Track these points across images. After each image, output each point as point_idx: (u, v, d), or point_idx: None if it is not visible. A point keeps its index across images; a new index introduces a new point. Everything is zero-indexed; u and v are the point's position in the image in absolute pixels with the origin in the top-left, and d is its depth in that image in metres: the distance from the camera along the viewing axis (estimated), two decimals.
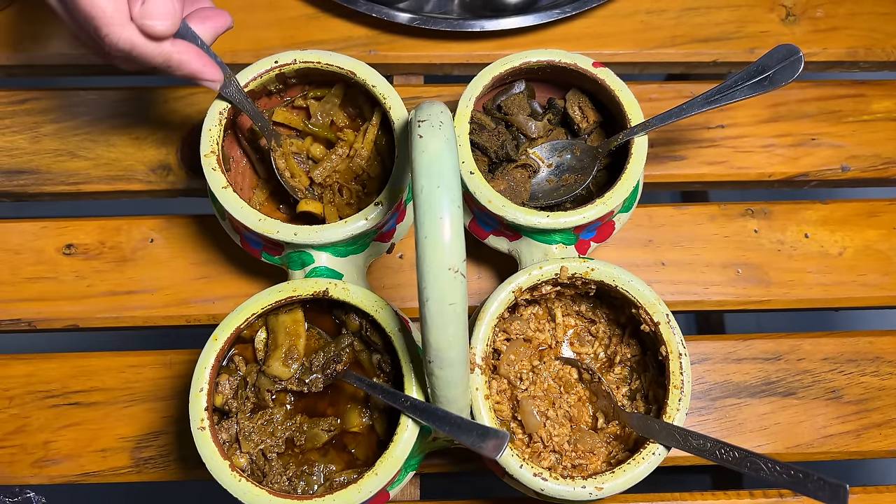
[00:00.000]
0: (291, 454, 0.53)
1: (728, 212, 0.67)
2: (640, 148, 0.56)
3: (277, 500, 0.47)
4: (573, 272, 0.53)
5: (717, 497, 0.59)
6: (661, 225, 0.66)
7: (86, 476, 0.59)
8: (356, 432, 0.53)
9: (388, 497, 0.53)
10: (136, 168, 0.67)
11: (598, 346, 0.57)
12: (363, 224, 0.54)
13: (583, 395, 0.55)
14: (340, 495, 0.47)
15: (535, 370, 0.55)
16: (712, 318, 0.91)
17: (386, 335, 0.52)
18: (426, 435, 0.51)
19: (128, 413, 0.61)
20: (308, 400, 0.54)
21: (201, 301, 0.63)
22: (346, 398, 0.54)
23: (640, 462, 0.49)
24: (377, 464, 0.48)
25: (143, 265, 0.64)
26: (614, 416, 0.54)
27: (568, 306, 0.58)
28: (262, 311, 0.52)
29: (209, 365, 0.50)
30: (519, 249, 0.57)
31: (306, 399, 0.54)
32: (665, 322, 0.52)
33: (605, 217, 0.57)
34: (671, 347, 0.51)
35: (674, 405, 0.50)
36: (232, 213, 0.53)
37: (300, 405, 0.54)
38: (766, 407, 0.62)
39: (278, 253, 0.56)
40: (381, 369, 0.54)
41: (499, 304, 0.53)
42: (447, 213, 0.42)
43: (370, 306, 0.52)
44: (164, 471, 0.60)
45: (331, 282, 0.52)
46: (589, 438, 0.53)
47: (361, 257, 0.57)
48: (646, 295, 0.52)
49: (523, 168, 0.59)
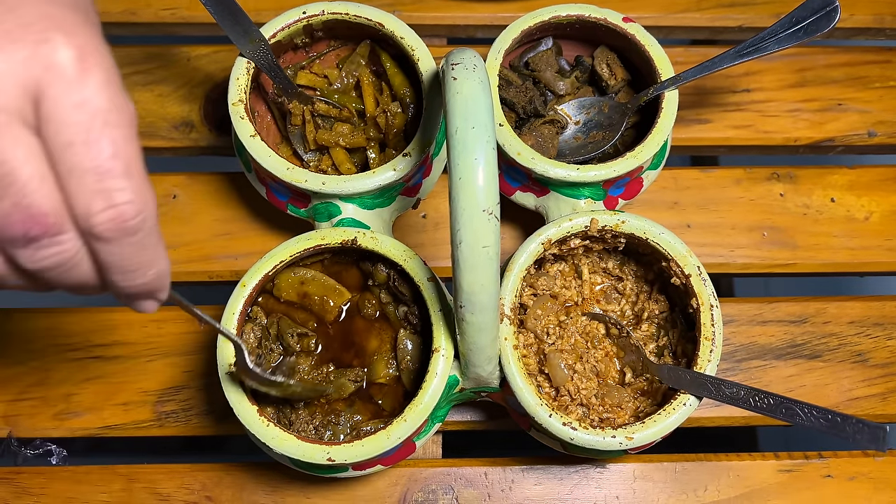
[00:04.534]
0: (317, 404, 0.52)
1: (754, 175, 0.66)
2: (670, 102, 0.55)
3: (305, 444, 0.47)
4: (603, 224, 0.53)
5: (742, 458, 0.59)
6: (686, 188, 0.66)
7: (107, 429, 0.59)
8: (382, 383, 0.53)
9: (415, 448, 0.52)
10: (158, 125, 0.66)
11: (625, 304, 0.57)
12: (392, 175, 0.53)
13: (610, 350, 0.55)
14: (369, 441, 0.47)
15: (561, 325, 0.55)
16: (722, 285, 0.90)
17: (414, 285, 0.52)
18: (454, 385, 0.51)
19: (150, 367, 0.60)
20: (334, 351, 0.54)
21: (224, 257, 0.63)
22: (373, 350, 0.53)
23: (671, 413, 0.49)
24: (406, 410, 0.48)
25: (165, 221, 0.64)
26: (643, 371, 0.53)
27: (595, 263, 0.57)
28: (290, 258, 0.51)
29: (237, 311, 0.50)
30: (546, 205, 0.57)
31: (332, 350, 0.54)
32: (696, 274, 0.51)
33: (634, 172, 0.56)
34: (702, 299, 0.51)
35: (704, 356, 0.50)
36: (259, 162, 0.53)
37: (326, 356, 0.53)
38: (791, 369, 0.61)
39: (304, 205, 0.56)
40: (407, 321, 0.54)
41: (527, 255, 0.52)
42: (482, 154, 0.41)
43: (399, 255, 0.52)
44: (186, 425, 0.59)
45: (359, 231, 0.52)
46: (616, 393, 0.53)
47: (388, 211, 0.57)
48: (677, 248, 0.52)
49: (551, 124, 0.59)
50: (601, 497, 0.58)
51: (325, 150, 0.60)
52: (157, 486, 0.58)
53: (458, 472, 0.58)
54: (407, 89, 0.59)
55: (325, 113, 0.59)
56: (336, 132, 0.59)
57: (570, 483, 0.58)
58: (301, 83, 0.60)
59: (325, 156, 0.60)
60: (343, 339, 0.54)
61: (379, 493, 0.57)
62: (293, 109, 0.58)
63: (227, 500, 0.57)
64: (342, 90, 0.61)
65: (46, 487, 0.57)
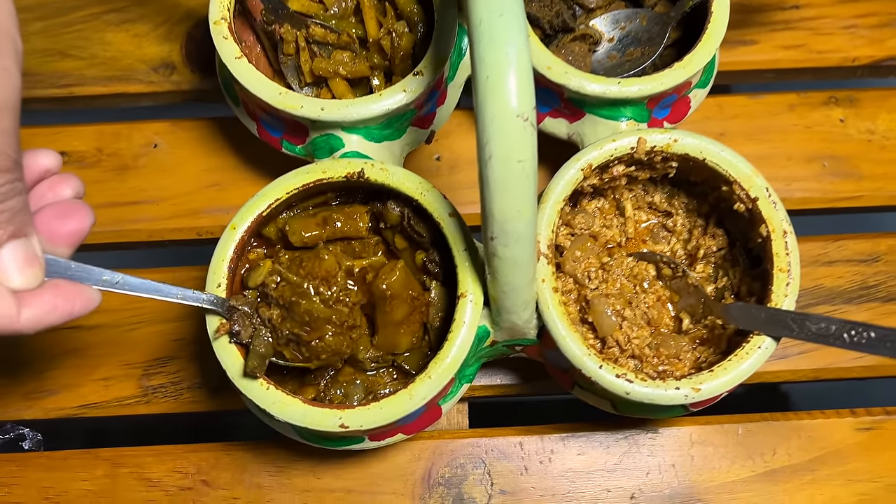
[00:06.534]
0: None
1: (808, 100, 0.59)
2: (721, 5, 0.48)
3: (314, 409, 0.40)
4: (652, 145, 0.45)
5: (814, 416, 0.51)
6: (733, 116, 0.58)
7: (86, 408, 0.52)
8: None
9: (440, 414, 0.45)
10: (135, 67, 0.59)
11: (676, 243, 0.49)
12: (402, 97, 0.46)
13: (662, 294, 0.48)
14: (388, 403, 0.40)
15: (604, 268, 0.48)
16: None
17: (433, 223, 0.44)
18: (483, 338, 0.43)
19: (133, 337, 0.53)
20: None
21: (213, 210, 0.56)
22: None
23: (744, 357, 0.41)
24: (431, 365, 0.40)
25: (146, 173, 0.56)
26: (703, 315, 0.46)
27: (639, 198, 0.50)
28: (287, 195, 0.44)
29: (227, 257, 0.42)
30: (581, 132, 0.49)
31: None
32: (765, 197, 0.44)
33: (682, 89, 0.49)
34: (773, 225, 0.43)
35: (780, 291, 0.42)
36: (247, 88, 0.46)
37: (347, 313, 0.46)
38: (864, 314, 0.54)
39: (301, 140, 0.49)
40: (426, 270, 0.46)
41: (565, 184, 0.45)
42: (513, 46, 0.34)
43: (413, 188, 0.44)
44: (176, 401, 0.52)
45: (366, 162, 0.45)
46: (673, 342, 0.45)
47: (398, 145, 0.49)
48: (740, 167, 0.44)
49: (581, 40, 0.51)
50: (654, 466, 0.50)
51: (322, 83, 0.52)
52: (146, 471, 0.50)
53: (489, 444, 0.51)
54: (414, 6, 0.51)
55: (322, 39, 0.52)
56: (335, 60, 0.51)
57: (618, 451, 0.51)
58: (294, 10, 0.52)
59: (323, 89, 0.52)
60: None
61: (399, 469, 0.50)
62: (285, 35, 0.51)
63: (225, 483, 0.50)
64: (340, 15, 0.53)
65: (18, 476, 0.50)
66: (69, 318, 0.34)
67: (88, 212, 0.36)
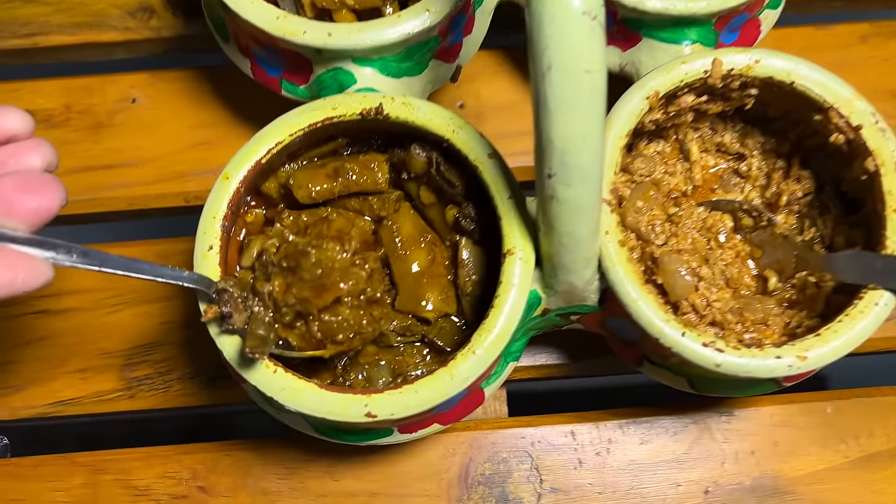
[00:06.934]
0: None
1: (883, 30, 0.51)
2: None
3: (333, 395, 0.32)
4: (730, 67, 0.37)
5: None
6: (801, 49, 0.50)
7: (60, 405, 0.44)
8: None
9: (483, 398, 0.37)
10: (108, 12, 0.52)
11: (752, 190, 0.42)
12: (425, 18, 0.38)
13: (741, 249, 0.40)
14: (424, 385, 0.32)
15: (671, 220, 0.40)
16: None
17: (468, 169, 0.36)
18: (534, 306, 0.36)
19: (113, 321, 0.45)
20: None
21: (202, 173, 0.48)
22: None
23: (858, 317, 0.33)
24: (475, 337, 0.33)
25: (123, 132, 0.49)
26: (796, 269, 0.38)
27: (706, 138, 0.42)
28: (290, 138, 0.36)
29: (219, 213, 0.35)
30: (637, 60, 0.42)
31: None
32: (871, 123, 0.36)
33: (754, 7, 0.41)
34: (882, 157, 0.36)
35: (894, 236, 0.35)
36: (238, 13, 0.38)
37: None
38: None
39: (305, 79, 0.41)
40: (459, 228, 0.38)
41: (628, 115, 0.37)
42: None
43: (444, 126, 0.36)
44: (165, 394, 0.44)
45: (384, 96, 0.37)
46: (759, 304, 0.38)
47: (419, 81, 0.42)
48: (838, 90, 0.37)
49: None
50: (731, 453, 0.43)
51: (326, 16, 0.44)
52: (132, 477, 0.43)
53: (535, 434, 0.43)
54: None
55: None
56: None
57: (688, 438, 0.43)
58: None
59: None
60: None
61: (432, 466, 0.42)
62: None
63: (226, 488, 0.42)
64: None
65: None
66: (11, 292, 0.28)
67: (59, 188, 0.30)
